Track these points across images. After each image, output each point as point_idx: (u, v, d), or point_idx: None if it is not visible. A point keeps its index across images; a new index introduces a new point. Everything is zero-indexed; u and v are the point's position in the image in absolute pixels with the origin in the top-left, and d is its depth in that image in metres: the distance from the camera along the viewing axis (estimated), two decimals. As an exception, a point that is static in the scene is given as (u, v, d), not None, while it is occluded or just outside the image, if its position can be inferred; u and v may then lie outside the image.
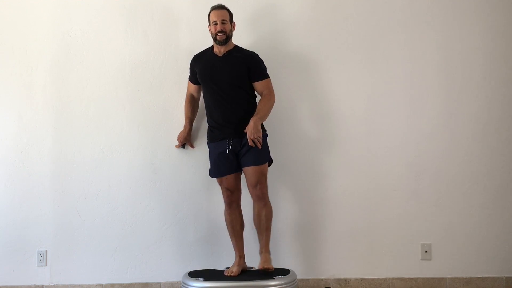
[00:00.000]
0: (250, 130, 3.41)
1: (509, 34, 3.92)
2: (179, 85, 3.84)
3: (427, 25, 3.91)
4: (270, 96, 3.55)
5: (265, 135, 3.54)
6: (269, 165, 3.61)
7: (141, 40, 3.88)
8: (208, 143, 3.63)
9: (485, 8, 3.91)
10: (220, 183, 3.58)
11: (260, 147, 3.45)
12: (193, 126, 3.82)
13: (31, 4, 3.87)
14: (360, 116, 3.90)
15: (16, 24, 3.86)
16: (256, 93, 3.61)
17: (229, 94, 3.50)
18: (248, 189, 3.55)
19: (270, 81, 3.57)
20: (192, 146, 3.85)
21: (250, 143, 3.42)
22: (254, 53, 3.59)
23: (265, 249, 3.52)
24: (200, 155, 3.82)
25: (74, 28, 3.87)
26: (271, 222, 3.55)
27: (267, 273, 3.44)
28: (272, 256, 3.58)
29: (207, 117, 3.63)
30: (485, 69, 3.91)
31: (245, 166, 3.50)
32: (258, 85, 3.55)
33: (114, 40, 3.88)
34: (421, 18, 3.91)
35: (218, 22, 3.48)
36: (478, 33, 3.91)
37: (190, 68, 3.69)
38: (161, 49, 3.88)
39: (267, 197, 3.54)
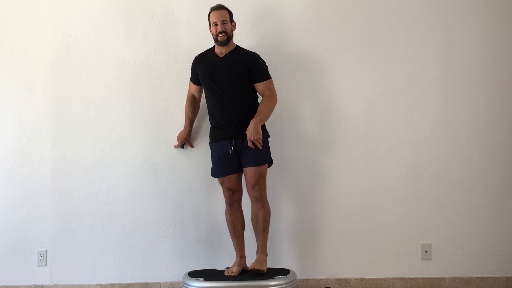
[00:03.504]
0: (250, 132, 3.41)
1: (509, 34, 3.92)
2: (179, 85, 3.84)
3: (427, 25, 3.91)
4: (271, 97, 3.54)
5: (266, 136, 3.53)
6: (269, 166, 3.60)
7: (141, 40, 3.88)
8: (210, 143, 3.62)
9: (485, 8, 3.91)
10: (222, 183, 3.58)
11: (261, 148, 3.45)
12: (193, 126, 3.82)
13: (31, 4, 3.87)
14: (360, 116, 3.90)
15: (16, 24, 3.86)
16: (258, 93, 3.61)
17: (230, 95, 3.49)
18: (247, 190, 3.55)
19: (271, 82, 3.56)
20: (192, 146, 3.85)
21: (250, 144, 3.42)
22: (255, 53, 3.58)
23: (261, 250, 3.52)
24: (200, 155, 3.83)
25: (74, 28, 3.87)
26: (268, 224, 3.54)
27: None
28: (272, 256, 3.58)
29: (209, 118, 3.62)
30: (485, 69, 3.91)
31: (245, 167, 3.50)
32: (259, 86, 3.54)
33: (114, 40, 3.88)
34: (421, 18, 3.91)
35: (219, 23, 3.47)
36: (478, 33, 3.91)
37: (191, 69, 3.68)
38: (161, 49, 3.88)
39: (265, 198, 3.53)
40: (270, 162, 3.61)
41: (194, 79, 3.68)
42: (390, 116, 3.90)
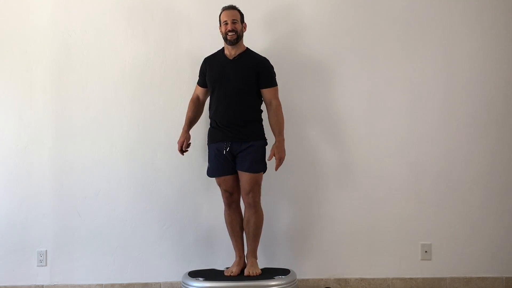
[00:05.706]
0: (279, 153, 3.45)
1: (509, 34, 3.92)
2: (179, 85, 3.84)
3: (427, 25, 3.91)
4: (279, 108, 3.52)
5: (264, 143, 3.53)
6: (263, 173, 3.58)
7: (141, 40, 3.88)
8: (208, 144, 3.61)
9: (486, 8, 3.91)
10: (219, 185, 3.57)
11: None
12: (193, 126, 3.79)
13: (31, 4, 3.87)
14: (361, 116, 3.90)
15: (16, 24, 3.86)
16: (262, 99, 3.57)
17: (236, 98, 3.46)
18: (241, 195, 3.54)
19: (277, 89, 3.54)
20: (187, 148, 3.74)
21: (278, 165, 3.46)
22: (265, 58, 3.55)
23: (251, 254, 3.54)
24: (200, 155, 3.83)
25: (74, 28, 3.87)
26: (260, 230, 3.55)
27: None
28: (272, 256, 3.58)
29: (210, 117, 3.59)
30: (485, 69, 3.91)
31: (240, 170, 3.49)
32: (266, 92, 3.51)
33: (114, 41, 3.88)
34: (421, 18, 3.91)
35: (229, 22, 3.45)
36: (479, 33, 3.91)
37: (200, 70, 3.62)
38: (161, 49, 3.88)
39: (259, 205, 3.53)
40: (264, 170, 3.57)
41: (201, 81, 3.63)
42: (390, 116, 3.90)
